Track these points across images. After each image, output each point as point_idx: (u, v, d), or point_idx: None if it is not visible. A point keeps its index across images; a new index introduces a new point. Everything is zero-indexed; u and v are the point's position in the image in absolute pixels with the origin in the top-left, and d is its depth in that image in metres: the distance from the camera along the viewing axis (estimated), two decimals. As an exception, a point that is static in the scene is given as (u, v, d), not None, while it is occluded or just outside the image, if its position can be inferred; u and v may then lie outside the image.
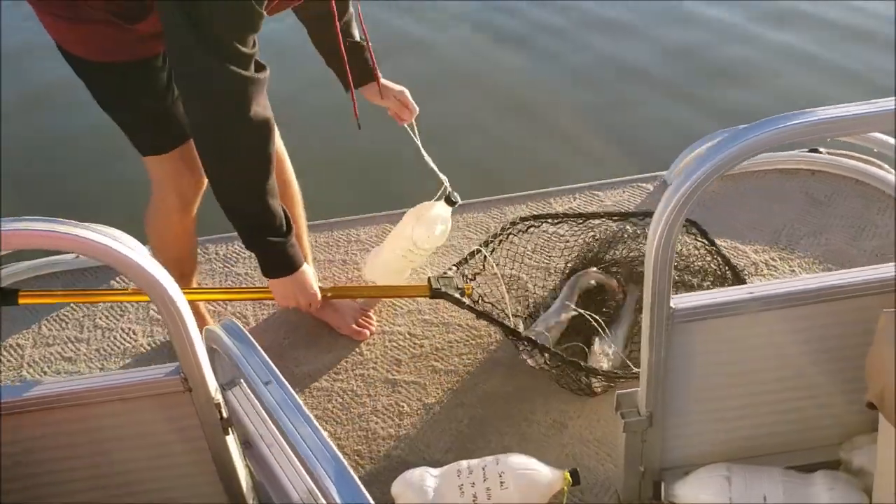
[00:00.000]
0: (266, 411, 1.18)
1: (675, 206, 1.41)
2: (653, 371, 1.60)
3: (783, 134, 1.37)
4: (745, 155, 1.38)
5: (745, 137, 1.37)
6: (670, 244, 1.44)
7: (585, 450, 1.95)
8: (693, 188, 1.39)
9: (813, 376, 1.71)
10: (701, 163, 1.39)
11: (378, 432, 2.03)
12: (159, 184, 2.02)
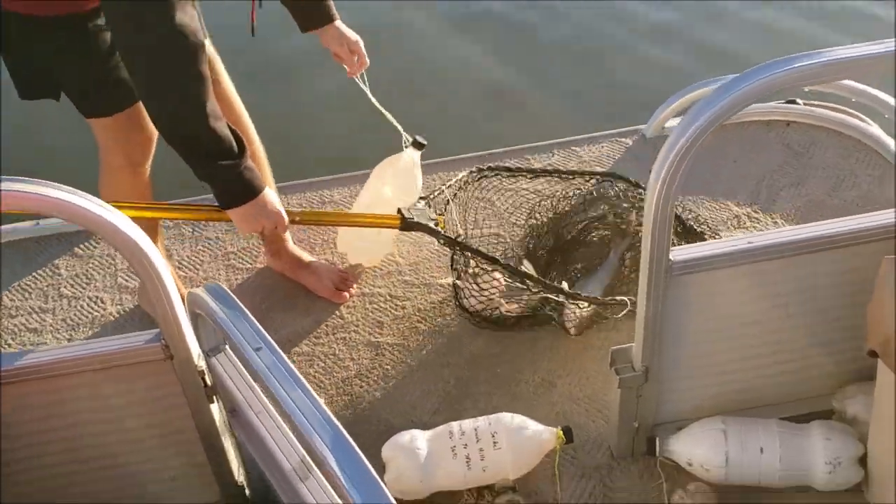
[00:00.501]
0: (256, 379, 1.11)
1: (676, 158, 1.36)
2: (649, 324, 1.57)
3: (785, 77, 1.32)
4: (746, 101, 1.34)
5: (745, 83, 1.33)
6: (670, 197, 1.39)
7: (576, 407, 1.91)
8: (693, 139, 1.35)
9: (807, 326, 1.69)
10: (700, 112, 1.34)
11: (363, 396, 1.98)
12: (105, 146, 1.92)
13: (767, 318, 1.65)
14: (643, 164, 2.68)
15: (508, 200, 2.49)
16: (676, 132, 1.37)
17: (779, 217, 2.41)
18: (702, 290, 1.56)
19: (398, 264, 2.34)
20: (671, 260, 1.49)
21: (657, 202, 1.40)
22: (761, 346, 1.70)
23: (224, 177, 1.68)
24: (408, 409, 1.94)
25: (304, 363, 2.06)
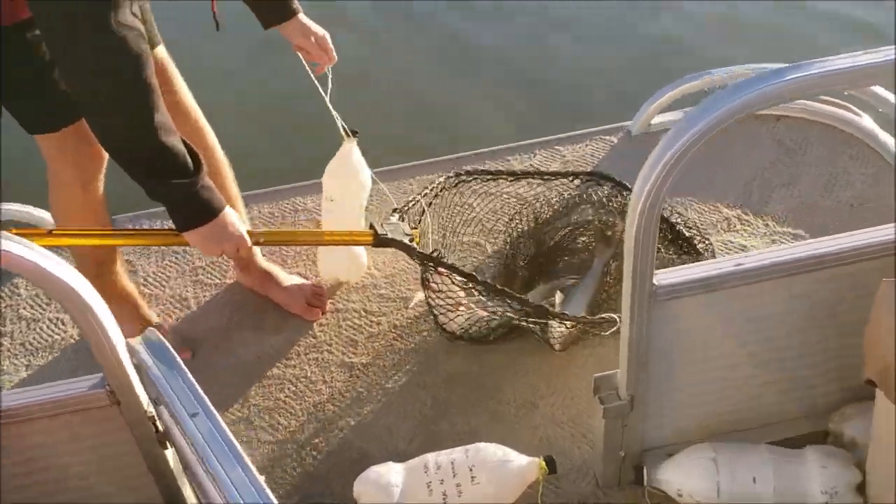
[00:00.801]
0: (193, 448, 1.00)
1: (659, 177, 1.26)
2: (634, 351, 1.47)
3: (775, 91, 1.22)
4: (734, 114, 1.23)
5: (735, 97, 1.22)
6: (653, 217, 1.29)
7: (559, 431, 1.82)
8: (678, 155, 1.25)
9: (802, 346, 1.60)
10: (686, 126, 1.24)
11: (336, 422, 1.88)
12: (53, 162, 1.79)
13: (759, 338, 1.56)
14: (629, 162, 2.56)
15: (489, 205, 2.37)
16: (660, 147, 1.27)
17: (770, 220, 2.31)
18: (689, 315, 1.47)
19: (373, 276, 2.23)
20: (655, 285, 1.39)
21: (639, 223, 1.30)
22: (753, 368, 1.61)
23: (178, 197, 1.56)
24: (383, 434, 1.84)
25: (275, 387, 1.96)
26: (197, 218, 1.59)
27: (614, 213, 2.23)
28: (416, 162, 2.63)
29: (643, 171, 1.28)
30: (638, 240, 1.31)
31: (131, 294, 2.07)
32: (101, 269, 1.92)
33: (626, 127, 2.69)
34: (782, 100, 1.24)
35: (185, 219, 1.59)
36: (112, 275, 1.99)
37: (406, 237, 1.84)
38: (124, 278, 2.05)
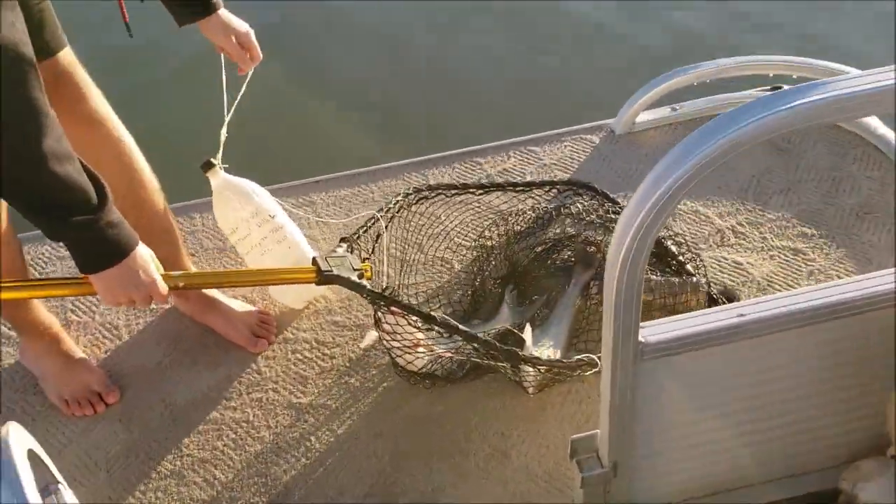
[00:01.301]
0: None
1: (643, 224, 1.02)
2: (616, 417, 1.25)
3: (777, 121, 0.98)
4: (736, 148, 0.99)
5: (736, 125, 0.98)
6: (637, 269, 1.06)
7: (534, 487, 1.60)
8: (664, 202, 1.01)
9: (807, 399, 1.38)
10: (675, 164, 1.00)
11: (280, 477, 1.65)
12: None
13: (761, 392, 1.34)
14: (612, 164, 2.35)
15: (457, 216, 2.13)
16: (643, 190, 1.03)
17: (768, 231, 2.09)
18: (681, 372, 1.24)
19: (328, 301, 2.00)
20: (642, 342, 1.17)
21: (619, 281, 1.07)
22: (754, 423, 1.39)
23: (78, 235, 1.32)
24: (334, 493, 1.62)
25: (212, 434, 1.73)
26: (102, 259, 1.36)
27: (595, 226, 2.01)
28: (378, 166, 2.39)
29: (626, 213, 1.04)
30: (619, 292, 1.09)
31: (49, 326, 1.83)
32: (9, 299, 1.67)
33: (608, 125, 2.45)
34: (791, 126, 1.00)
35: (86, 261, 1.36)
36: (23, 305, 1.74)
37: (354, 273, 1.60)
38: (38, 307, 1.80)
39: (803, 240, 2.05)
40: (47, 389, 1.83)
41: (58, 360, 1.83)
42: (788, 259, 2.01)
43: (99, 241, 1.33)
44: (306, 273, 1.60)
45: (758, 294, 1.92)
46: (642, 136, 2.41)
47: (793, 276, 1.97)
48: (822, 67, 2.33)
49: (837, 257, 2.00)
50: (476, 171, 2.37)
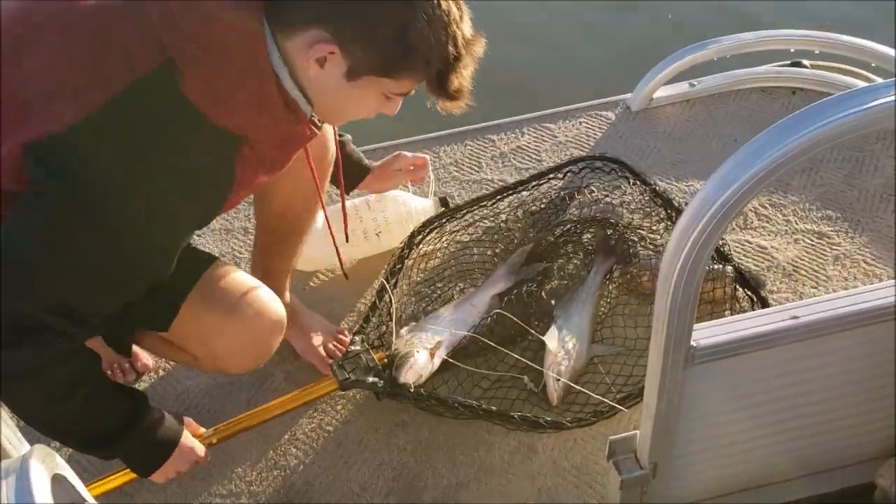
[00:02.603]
0: None
1: (706, 228, 0.97)
2: (661, 419, 1.20)
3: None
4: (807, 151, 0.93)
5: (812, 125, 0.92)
6: (696, 275, 1.01)
7: (561, 482, 1.56)
8: (733, 202, 0.95)
9: (851, 396, 1.34)
10: (750, 159, 0.95)
11: (299, 470, 1.61)
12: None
13: (806, 391, 1.30)
14: (629, 141, 2.29)
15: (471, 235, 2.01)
16: (707, 191, 0.98)
17: (791, 214, 2.04)
18: (729, 374, 1.20)
19: (344, 286, 1.93)
20: (694, 346, 1.12)
21: (676, 285, 1.02)
22: (795, 420, 1.35)
23: (128, 448, 1.38)
24: (356, 489, 1.58)
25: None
26: (153, 461, 1.42)
27: (613, 210, 1.96)
28: (389, 142, 2.31)
29: (688, 214, 0.99)
30: (676, 297, 1.03)
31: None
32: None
33: (624, 101, 2.39)
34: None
35: (141, 467, 1.43)
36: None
37: (370, 372, 1.59)
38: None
39: (827, 223, 2.01)
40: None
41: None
42: (813, 243, 1.97)
43: (147, 448, 1.40)
44: (327, 387, 1.61)
45: (784, 280, 1.88)
46: (660, 112, 2.35)
47: (818, 260, 1.92)
48: (844, 42, 2.28)
49: (863, 242, 1.96)
50: (489, 148, 2.30)
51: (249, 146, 1.20)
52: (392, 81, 1.19)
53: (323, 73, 1.16)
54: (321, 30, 1.12)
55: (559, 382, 1.62)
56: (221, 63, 1.12)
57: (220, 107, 1.14)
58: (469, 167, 2.24)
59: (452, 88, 1.20)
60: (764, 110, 2.32)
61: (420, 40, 1.14)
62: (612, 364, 1.71)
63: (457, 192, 2.16)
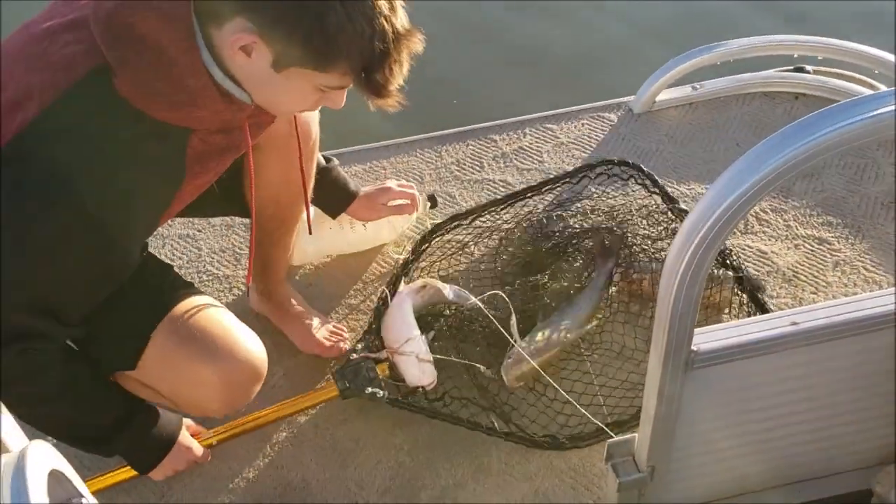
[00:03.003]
0: None
1: (709, 233, 0.96)
2: (659, 424, 1.20)
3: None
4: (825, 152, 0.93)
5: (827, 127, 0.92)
6: (699, 279, 1.01)
7: (559, 483, 1.57)
8: (739, 205, 0.95)
9: (850, 402, 1.34)
10: (756, 163, 0.94)
11: (296, 468, 1.61)
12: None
13: (805, 397, 1.30)
14: (630, 144, 2.29)
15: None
16: (713, 195, 0.97)
17: (792, 219, 2.04)
18: (729, 379, 1.20)
19: (339, 282, 1.93)
20: (694, 351, 1.12)
21: (679, 288, 1.02)
22: (794, 426, 1.35)
23: (127, 448, 1.44)
24: (353, 487, 1.58)
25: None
26: (151, 459, 1.47)
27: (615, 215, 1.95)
28: (390, 141, 2.31)
29: (691, 218, 0.98)
30: (678, 301, 1.03)
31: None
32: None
33: (627, 103, 2.39)
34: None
35: (140, 464, 1.48)
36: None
37: (370, 383, 1.59)
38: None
39: (828, 229, 2.01)
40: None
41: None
42: (813, 249, 1.97)
43: (143, 446, 1.44)
44: (328, 394, 1.62)
45: (784, 285, 1.88)
46: (662, 115, 2.35)
47: (818, 266, 1.93)
48: (848, 49, 2.28)
49: (863, 248, 1.96)
50: (491, 148, 2.30)
51: (196, 134, 1.22)
52: (321, 74, 1.17)
53: (250, 62, 1.15)
54: (244, 19, 1.11)
55: (508, 361, 1.63)
56: (151, 62, 1.13)
57: (155, 104, 1.15)
58: (471, 167, 2.24)
59: (378, 85, 1.17)
60: (766, 115, 2.32)
61: (341, 34, 1.11)
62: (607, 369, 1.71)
63: (458, 191, 2.16)
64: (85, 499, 0.99)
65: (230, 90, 1.19)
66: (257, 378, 1.46)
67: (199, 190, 1.32)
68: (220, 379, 1.41)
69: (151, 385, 1.44)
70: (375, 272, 1.95)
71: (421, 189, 2.13)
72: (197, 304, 1.44)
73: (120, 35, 1.12)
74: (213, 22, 1.13)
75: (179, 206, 1.32)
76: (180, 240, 2.05)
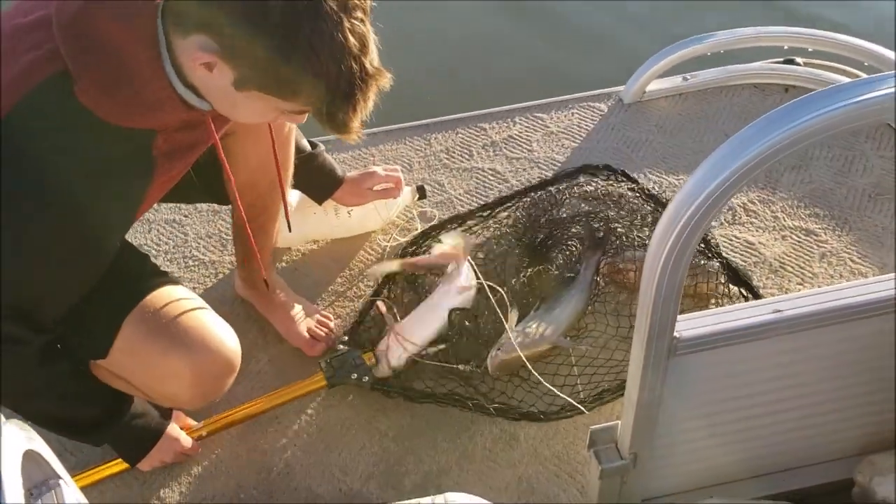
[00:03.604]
0: None
1: (693, 217, 0.96)
2: (642, 410, 1.21)
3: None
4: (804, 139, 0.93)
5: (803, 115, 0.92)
6: (682, 265, 1.01)
7: (542, 470, 1.57)
8: (720, 192, 0.95)
9: (833, 391, 1.35)
10: (739, 149, 0.95)
11: (279, 453, 1.60)
12: None
13: (787, 385, 1.30)
14: (620, 133, 2.28)
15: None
16: (694, 182, 0.97)
17: (779, 210, 2.04)
18: (711, 366, 1.20)
19: (328, 269, 1.93)
20: (677, 337, 1.12)
21: (661, 274, 1.01)
22: (776, 415, 1.36)
23: (113, 440, 1.46)
24: (336, 472, 1.57)
25: (209, 409, 1.67)
26: (139, 450, 1.49)
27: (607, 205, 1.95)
28: (378, 128, 2.30)
29: (674, 204, 0.98)
30: (660, 287, 1.03)
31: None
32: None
33: (617, 93, 2.38)
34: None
35: (128, 454, 1.50)
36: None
37: (356, 369, 1.63)
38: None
39: (815, 220, 2.01)
40: None
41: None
42: (801, 240, 1.97)
43: (130, 438, 1.46)
44: (316, 384, 1.64)
45: (770, 276, 1.88)
46: (652, 106, 2.35)
47: (805, 257, 1.93)
48: (840, 41, 2.28)
49: (850, 240, 1.96)
50: (480, 136, 2.29)
51: (161, 134, 1.21)
52: (282, 101, 1.15)
53: (211, 77, 1.12)
54: (208, 38, 1.08)
55: (498, 352, 1.63)
56: (113, 70, 1.11)
57: (115, 110, 1.14)
58: (460, 155, 2.23)
59: (339, 123, 1.14)
60: (756, 106, 2.32)
61: (305, 72, 1.08)
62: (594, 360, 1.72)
63: (447, 179, 2.16)
64: (63, 479, 0.98)
65: (190, 101, 1.18)
66: (230, 371, 1.45)
67: (171, 183, 1.31)
68: (190, 371, 1.39)
69: (123, 376, 1.42)
70: (363, 259, 1.94)
71: (410, 178, 2.12)
72: (171, 295, 1.42)
73: (82, 41, 1.10)
74: (178, 30, 1.11)
75: (153, 202, 1.31)
76: (167, 225, 2.04)
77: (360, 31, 1.08)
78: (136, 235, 2.00)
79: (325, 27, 1.05)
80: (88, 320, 1.35)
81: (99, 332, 1.37)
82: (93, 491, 1.53)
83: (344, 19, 1.06)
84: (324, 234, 1.96)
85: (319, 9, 1.04)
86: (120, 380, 1.43)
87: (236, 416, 1.60)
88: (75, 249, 1.20)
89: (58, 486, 1.01)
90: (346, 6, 1.06)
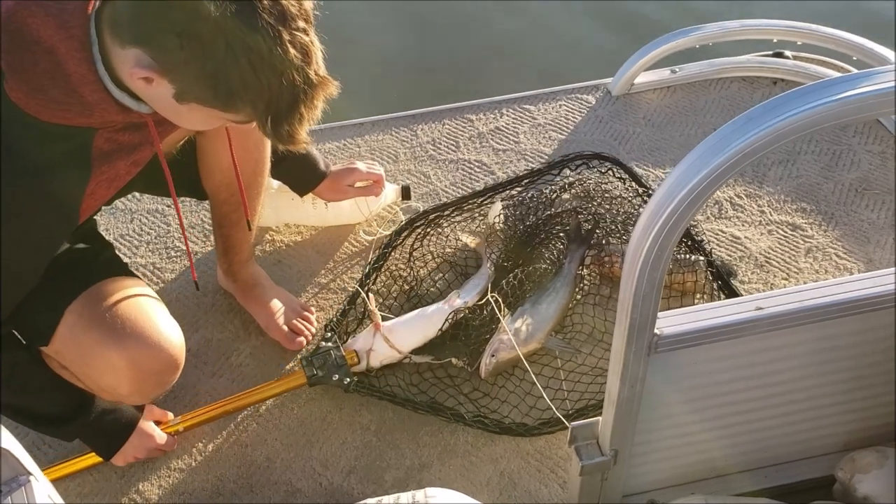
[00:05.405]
0: None
1: (675, 212, 0.95)
2: (622, 407, 1.20)
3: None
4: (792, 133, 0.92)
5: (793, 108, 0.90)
6: (662, 261, 1.00)
7: (524, 465, 1.56)
8: (702, 188, 0.94)
9: (813, 389, 1.34)
10: (721, 145, 0.93)
11: (260, 447, 1.59)
12: None
13: (768, 383, 1.30)
14: (607, 126, 2.27)
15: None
16: (676, 177, 0.96)
17: (766, 205, 2.04)
18: (691, 363, 1.19)
19: (311, 263, 1.91)
20: (657, 334, 1.11)
21: (641, 270, 1.00)
22: (757, 412, 1.35)
23: (83, 434, 1.45)
24: (317, 467, 1.56)
25: (189, 402, 1.66)
26: (112, 444, 1.48)
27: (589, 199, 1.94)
28: (365, 119, 2.29)
29: (655, 199, 0.97)
30: (640, 283, 1.02)
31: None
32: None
33: (605, 85, 2.37)
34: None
35: (100, 448, 1.48)
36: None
37: (338, 370, 1.61)
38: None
39: (802, 215, 2.01)
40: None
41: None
42: (787, 235, 1.96)
43: (100, 433, 1.44)
44: (296, 381, 1.62)
45: (755, 270, 1.88)
46: (640, 98, 2.34)
47: (791, 252, 1.92)
48: (827, 35, 2.27)
49: (836, 235, 1.96)
50: (467, 128, 2.28)
51: (101, 133, 1.18)
52: (224, 113, 1.13)
53: (150, 88, 1.09)
54: (145, 53, 1.05)
55: (492, 359, 1.62)
56: (47, 69, 1.09)
57: (48, 110, 1.11)
58: (446, 146, 2.22)
59: (284, 134, 1.12)
60: (744, 99, 2.31)
61: (245, 88, 1.06)
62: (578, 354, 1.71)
63: (433, 171, 2.14)
64: (33, 476, 0.97)
65: (126, 103, 1.15)
66: (170, 367, 1.40)
67: (118, 181, 1.26)
68: (126, 364, 1.35)
69: (66, 366, 1.39)
70: (346, 251, 1.93)
71: (395, 169, 2.11)
72: (120, 285, 1.38)
73: (15, 38, 1.07)
74: (115, 40, 1.08)
75: (101, 199, 1.26)
76: (149, 215, 2.02)
77: (301, 41, 1.06)
78: (118, 225, 1.99)
79: (263, 43, 1.03)
80: (36, 304, 1.30)
81: (42, 317, 1.33)
82: (71, 483, 1.52)
83: (283, 32, 1.04)
84: (297, 219, 1.96)
85: (255, 24, 1.02)
86: (65, 371, 1.40)
87: (213, 413, 1.59)
88: (13, 241, 1.15)
89: (28, 482, 0.99)
90: (283, 19, 1.04)
